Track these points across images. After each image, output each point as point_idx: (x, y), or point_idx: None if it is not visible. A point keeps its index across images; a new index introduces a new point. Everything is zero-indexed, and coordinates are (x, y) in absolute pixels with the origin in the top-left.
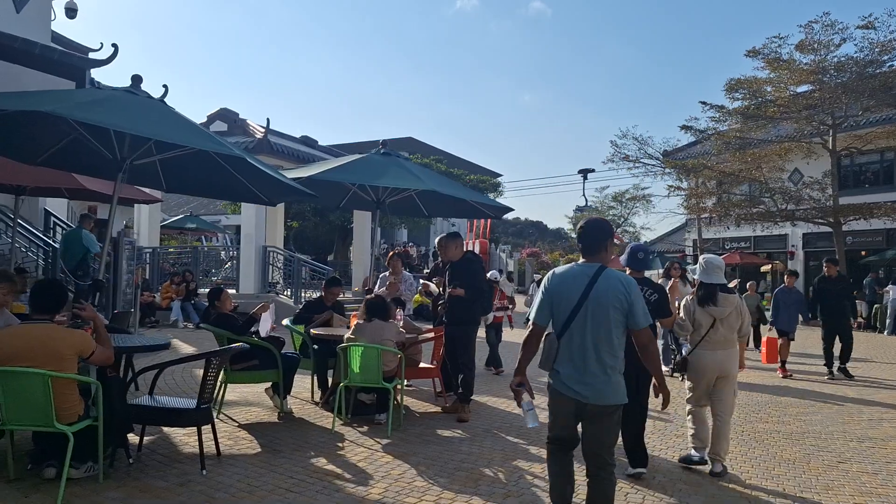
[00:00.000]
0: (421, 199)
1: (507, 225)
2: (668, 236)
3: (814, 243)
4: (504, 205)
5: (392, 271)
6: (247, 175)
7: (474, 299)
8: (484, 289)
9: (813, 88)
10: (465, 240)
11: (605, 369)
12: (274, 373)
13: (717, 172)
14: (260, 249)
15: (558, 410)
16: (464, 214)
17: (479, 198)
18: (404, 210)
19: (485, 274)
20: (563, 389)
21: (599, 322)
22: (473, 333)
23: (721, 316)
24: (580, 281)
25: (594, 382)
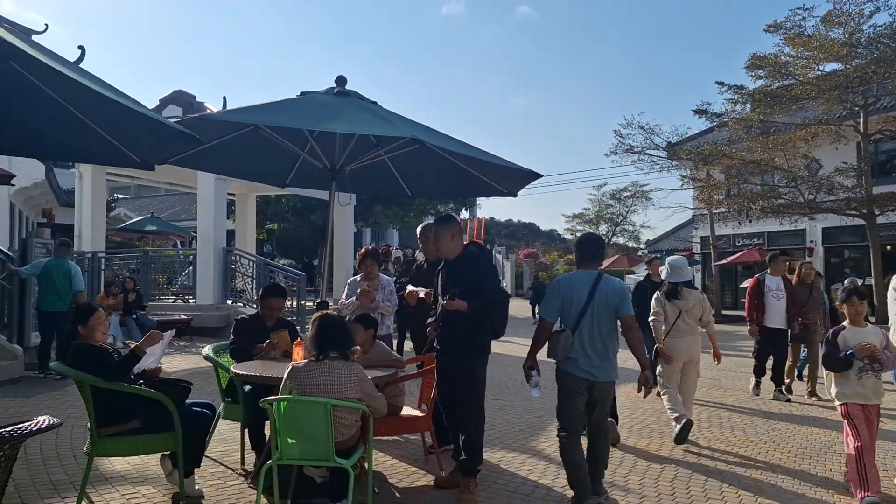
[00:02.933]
0: (399, 167)
1: (499, 227)
2: (673, 233)
3: (836, 238)
4: (530, 169)
5: (365, 275)
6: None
7: (483, 315)
8: (497, 299)
9: (842, 66)
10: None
11: (609, 353)
12: (167, 438)
13: (738, 161)
14: (220, 253)
15: (573, 390)
16: (465, 192)
17: (488, 157)
18: (375, 187)
19: (498, 275)
20: (579, 372)
21: (603, 316)
22: (481, 368)
23: (686, 308)
24: (585, 285)
25: (602, 364)
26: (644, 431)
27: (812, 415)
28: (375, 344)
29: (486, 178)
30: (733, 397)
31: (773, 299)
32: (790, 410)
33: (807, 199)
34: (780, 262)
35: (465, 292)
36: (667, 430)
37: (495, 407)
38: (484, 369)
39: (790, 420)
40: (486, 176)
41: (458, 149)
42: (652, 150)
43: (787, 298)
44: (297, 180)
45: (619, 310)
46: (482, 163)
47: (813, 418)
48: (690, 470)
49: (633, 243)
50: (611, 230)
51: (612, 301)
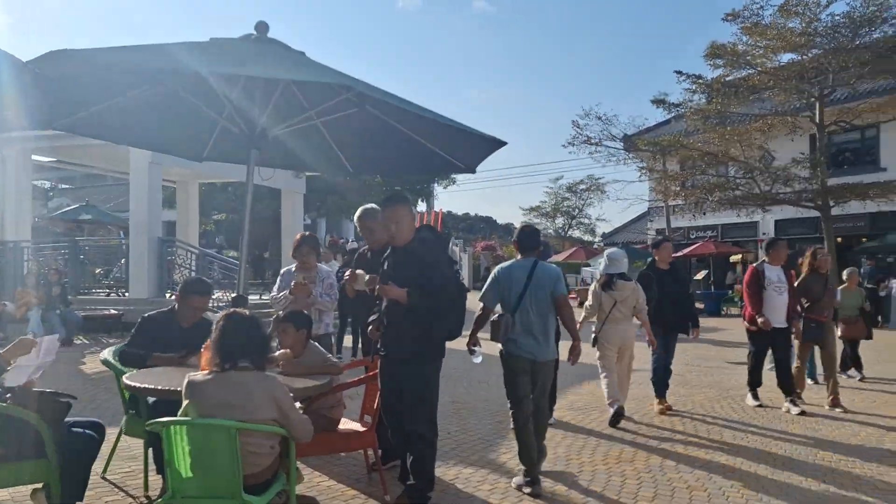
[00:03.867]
0: (336, 137)
1: (456, 220)
2: (629, 226)
3: (787, 230)
4: (492, 136)
5: (300, 265)
6: None
7: (435, 312)
8: (453, 293)
9: (798, 57)
10: None
11: (547, 334)
12: (39, 467)
13: (695, 152)
14: (154, 242)
15: (517, 370)
16: (417, 168)
17: (442, 120)
18: (308, 161)
19: (454, 266)
20: (520, 352)
21: (541, 300)
22: (434, 375)
23: (620, 298)
24: (523, 271)
25: (541, 343)
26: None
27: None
28: (309, 346)
29: (441, 151)
30: (703, 394)
31: (775, 293)
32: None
33: (763, 191)
34: (782, 248)
35: (415, 283)
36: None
37: (450, 410)
38: (437, 377)
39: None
40: (441, 148)
41: (404, 109)
42: (609, 141)
43: (789, 291)
44: (217, 153)
45: (554, 291)
46: (436, 130)
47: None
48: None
49: (589, 236)
50: (567, 223)
51: (547, 284)
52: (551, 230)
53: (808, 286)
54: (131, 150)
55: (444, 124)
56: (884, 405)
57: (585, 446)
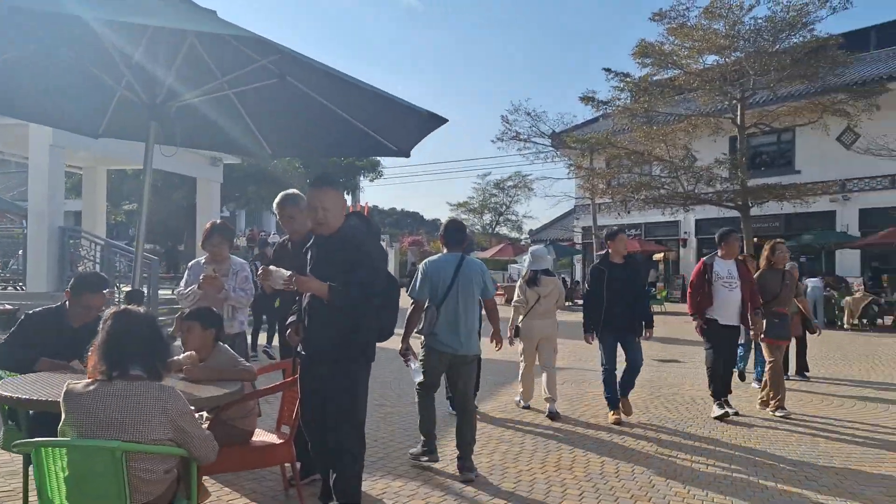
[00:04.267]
0: (252, 112)
1: (382, 215)
2: (556, 223)
3: (706, 229)
4: (429, 111)
5: (211, 256)
6: None
7: (364, 309)
8: (383, 287)
9: (721, 60)
10: None
11: (471, 329)
12: None
13: (622, 150)
14: (55, 232)
15: (435, 362)
16: (344, 150)
17: (373, 90)
18: (220, 140)
19: (384, 256)
20: (441, 347)
21: (466, 294)
22: (362, 381)
23: (544, 293)
24: (450, 266)
25: (464, 338)
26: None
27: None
28: (218, 348)
29: (372, 132)
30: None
31: (724, 289)
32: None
33: (686, 190)
34: (734, 240)
35: (341, 275)
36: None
37: (378, 415)
38: (365, 383)
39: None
40: (373, 128)
41: (331, 82)
42: (538, 137)
43: (742, 287)
44: (116, 128)
45: (484, 292)
46: (367, 107)
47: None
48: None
49: (516, 233)
50: (494, 219)
51: (475, 280)
52: (479, 226)
53: (766, 282)
54: (31, 132)
55: (376, 99)
56: (824, 406)
57: (522, 452)
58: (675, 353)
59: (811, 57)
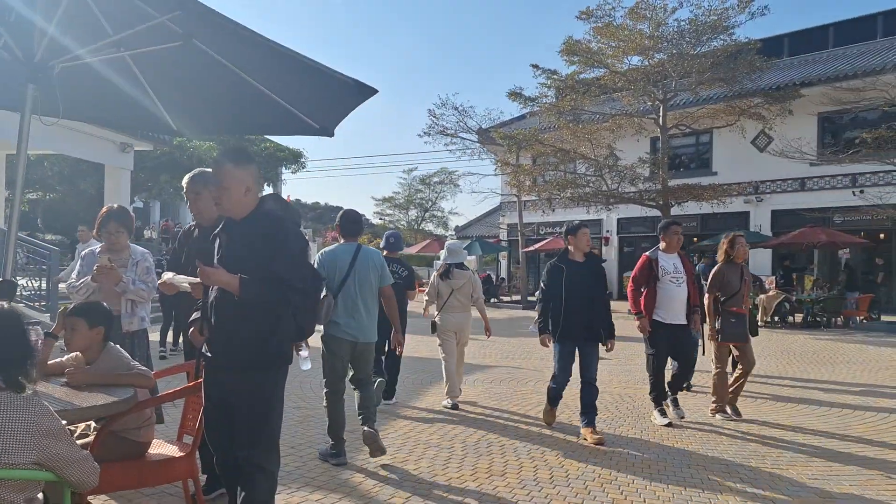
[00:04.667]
0: (153, 82)
1: (305, 209)
2: (482, 219)
3: (627, 229)
4: (356, 81)
5: (107, 244)
6: None
7: (279, 305)
8: (302, 281)
9: (644, 61)
10: None
11: (369, 316)
12: None
13: (549, 148)
14: None
15: (337, 351)
16: (259, 128)
17: (292, 56)
18: (114, 112)
19: (306, 248)
20: (341, 334)
21: (364, 283)
22: (276, 386)
23: (457, 287)
24: (346, 255)
25: (362, 326)
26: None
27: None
28: (108, 349)
29: (292, 107)
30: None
31: (671, 285)
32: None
33: (610, 188)
34: (675, 232)
35: (250, 266)
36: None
37: (295, 418)
38: (280, 390)
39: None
40: (292, 102)
41: (244, 44)
42: (465, 133)
43: (688, 283)
44: None
45: (381, 281)
46: (286, 77)
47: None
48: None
49: (442, 229)
50: (420, 215)
51: (372, 269)
52: (404, 222)
53: (725, 277)
54: None
55: (296, 68)
56: (755, 406)
57: (451, 458)
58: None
59: (730, 61)
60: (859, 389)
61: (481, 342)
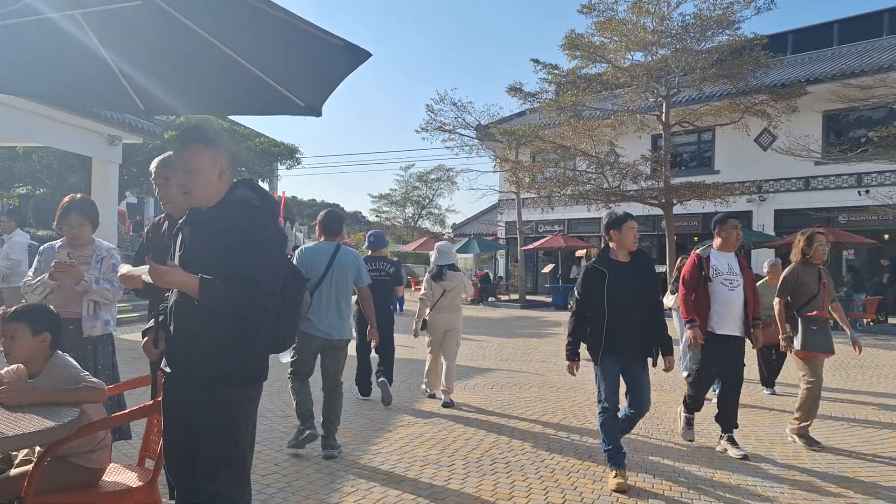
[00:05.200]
0: (113, 50)
1: (301, 206)
2: (480, 217)
3: None
4: (344, 41)
5: (69, 239)
6: None
7: (250, 312)
8: (270, 284)
9: (647, 58)
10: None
11: (342, 315)
12: None
13: (549, 144)
14: None
15: (307, 347)
16: (236, 107)
17: (272, 10)
18: (67, 87)
19: (283, 241)
20: (314, 331)
21: (340, 282)
22: (246, 408)
23: (449, 288)
24: (326, 253)
25: (336, 324)
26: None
27: None
28: (54, 359)
29: (274, 81)
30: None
31: (724, 288)
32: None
33: (612, 186)
34: (733, 226)
35: (217, 264)
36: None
37: (282, 429)
38: (252, 411)
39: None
40: (273, 75)
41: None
42: (463, 129)
43: (745, 287)
44: None
45: (357, 280)
46: (264, 42)
47: None
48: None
49: (439, 227)
50: (417, 213)
51: (349, 269)
52: (401, 219)
53: (799, 279)
54: None
55: (276, 30)
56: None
57: (452, 478)
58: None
59: (735, 56)
60: (880, 401)
61: (479, 342)
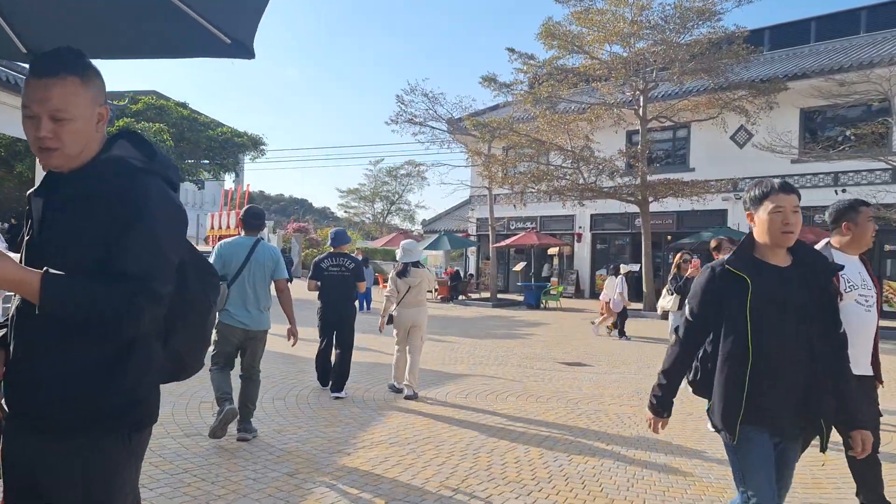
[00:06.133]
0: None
1: (269, 201)
2: (450, 213)
3: (601, 225)
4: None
5: None
6: None
7: (125, 325)
8: (160, 284)
9: (626, 50)
10: (216, 213)
11: (261, 307)
12: None
13: (524, 138)
14: None
15: (228, 337)
16: (152, 48)
17: None
18: None
19: (177, 219)
20: (233, 322)
21: (258, 275)
22: (120, 465)
23: (413, 284)
24: (244, 248)
25: (254, 315)
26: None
27: None
28: None
29: (191, 9)
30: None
31: (858, 308)
32: None
33: (587, 182)
34: (866, 216)
35: (82, 262)
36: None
37: (211, 450)
38: (131, 470)
39: None
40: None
41: None
42: (434, 121)
43: (877, 306)
44: None
45: (275, 273)
46: None
47: None
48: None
49: (409, 223)
50: (386, 208)
51: (267, 263)
52: (369, 215)
53: None
54: None
55: None
56: None
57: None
58: (580, 355)
59: (715, 50)
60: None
61: (450, 344)
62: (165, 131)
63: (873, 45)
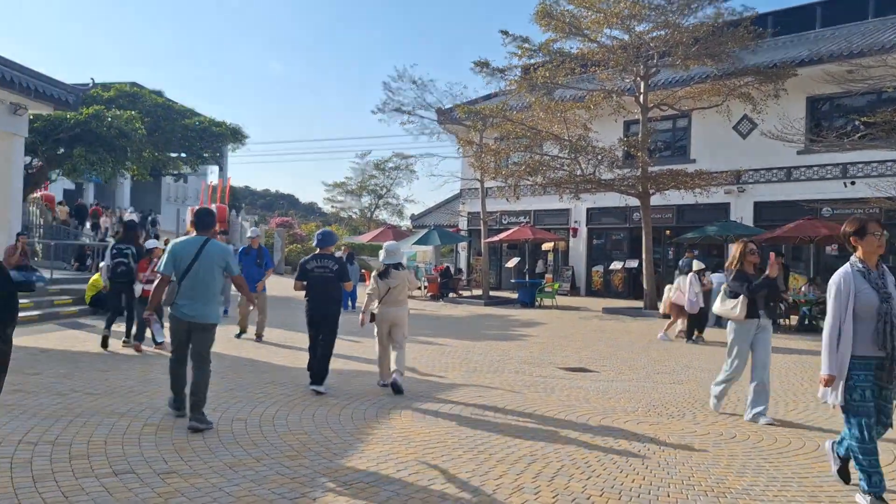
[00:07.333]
0: None
1: (255, 196)
2: (441, 207)
3: (598, 219)
4: None
5: None
6: None
7: None
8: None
9: (624, 36)
10: (196, 207)
11: (209, 300)
12: None
13: (519, 127)
14: None
15: (178, 330)
16: None
17: None
18: None
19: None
20: (181, 315)
21: (206, 271)
22: None
23: (393, 285)
24: (194, 246)
25: (200, 308)
26: None
27: None
28: None
29: None
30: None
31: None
32: None
33: (585, 173)
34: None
35: None
36: None
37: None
38: None
39: None
40: None
41: None
42: (423, 110)
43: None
44: None
45: (227, 269)
46: None
47: None
48: None
49: (398, 218)
50: (374, 203)
51: (217, 261)
52: (357, 209)
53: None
54: None
55: None
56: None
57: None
58: (581, 359)
59: (720, 34)
60: None
61: (441, 347)
62: (138, 119)
63: (882, 31)
